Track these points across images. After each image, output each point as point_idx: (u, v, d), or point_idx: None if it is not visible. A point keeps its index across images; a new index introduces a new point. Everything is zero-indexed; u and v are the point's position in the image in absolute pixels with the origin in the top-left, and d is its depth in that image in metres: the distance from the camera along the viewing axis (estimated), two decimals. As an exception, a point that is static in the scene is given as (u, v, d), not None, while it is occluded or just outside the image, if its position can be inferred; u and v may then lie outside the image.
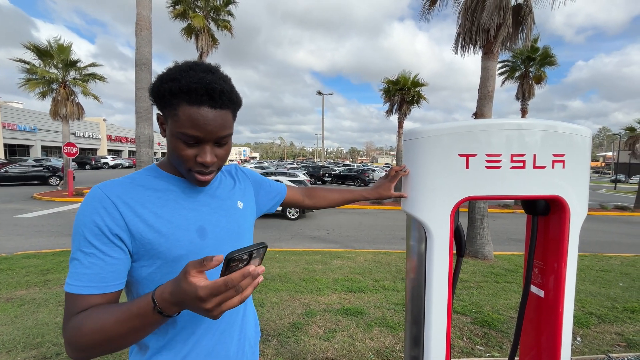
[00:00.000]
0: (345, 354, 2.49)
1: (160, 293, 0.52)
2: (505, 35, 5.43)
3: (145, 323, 0.54)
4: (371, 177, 24.79)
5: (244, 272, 0.47)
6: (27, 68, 12.88)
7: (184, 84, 0.63)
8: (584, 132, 1.06)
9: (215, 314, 0.49)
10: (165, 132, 0.71)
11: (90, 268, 0.61)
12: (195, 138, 0.66)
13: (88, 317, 0.58)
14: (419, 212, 1.05)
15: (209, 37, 12.62)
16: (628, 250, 7.23)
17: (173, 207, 0.71)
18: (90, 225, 0.62)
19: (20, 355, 2.35)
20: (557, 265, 1.09)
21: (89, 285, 0.61)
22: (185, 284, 0.48)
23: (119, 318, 0.55)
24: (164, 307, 0.52)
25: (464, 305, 3.48)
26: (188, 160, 0.68)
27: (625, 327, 3.09)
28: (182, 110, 0.64)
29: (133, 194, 0.68)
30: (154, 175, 0.74)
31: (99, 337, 0.56)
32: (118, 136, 44.12)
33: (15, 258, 4.92)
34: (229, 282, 0.46)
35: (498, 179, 1.01)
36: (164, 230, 0.67)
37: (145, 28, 5.89)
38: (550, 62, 13.08)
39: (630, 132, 15.02)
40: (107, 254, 0.62)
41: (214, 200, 0.79)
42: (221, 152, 0.72)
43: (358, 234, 8.14)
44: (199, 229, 0.72)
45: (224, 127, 0.68)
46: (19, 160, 23.32)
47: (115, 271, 0.63)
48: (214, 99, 0.64)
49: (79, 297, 0.60)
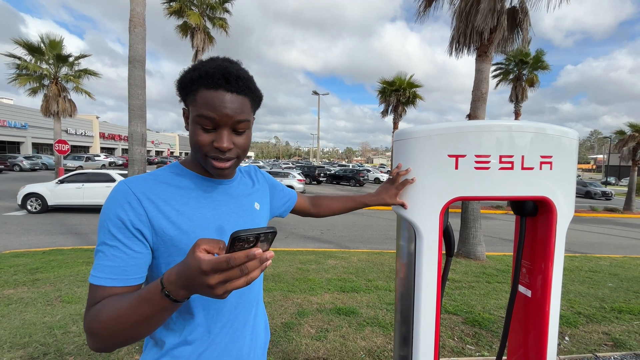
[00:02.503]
0: (337, 354, 2.50)
1: (168, 275, 0.52)
2: (501, 38, 5.49)
3: (155, 309, 0.54)
4: (366, 177, 24.86)
5: (249, 253, 0.46)
6: (18, 63, 12.65)
7: (202, 71, 0.67)
8: (572, 135, 1.07)
9: (219, 293, 0.48)
10: (187, 123, 0.73)
11: (113, 261, 0.63)
12: (211, 120, 0.67)
13: (104, 305, 0.60)
14: (408, 212, 1.05)
15: (205, 35, 12.55)
16: (617, 251, 7.36)
17: (194, 205, 0.72)
18: (114, 219, 0.64)
19: (6, 356, 2.31)
20: (544, 266, 1.11)
21: (111, 277, 0.62)
22: (191, 258, 0.49)
23: (131, 304, 0.56)
24: (171, 290, 0.52)
25: (456, 305, 3.51)
26: (204, 146, 0.69)
27: (612, 327, 3.14)
28: (200, 94, 0.67)
29: (157, 191, 0.69)
30: (176, 172, 0.75)
31: (113, 325, 0.57)
32: (111, 134, 43.58)
33: (4, 257, 4.83)
34: (232, 260, 0.46)
35: (487, 180, 1.01)
36: (185, 228, 0.68)
37: (139, 25, 5.83)
38: (542, 66, 13.27)
39: (621, 135, 15.29)
40: (130, 247, 0.64)
41: (233, 200, 0.80)
42: (240, 141, 0.72)
43: (352, 234, 8.16)
44: (218, 228, 0.73)
45: (240, 111, 0.69)
46: (9, 158, 22.91)
47: (137, 264, 0.65)
48: (230, 83, 0.67)
49: (100, 288, 0.62)
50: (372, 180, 27.51)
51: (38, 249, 5.39)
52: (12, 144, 29.45)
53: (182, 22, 12.38)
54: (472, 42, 5.64)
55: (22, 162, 22.97)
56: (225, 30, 13.13)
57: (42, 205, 9.04)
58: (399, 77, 13.62)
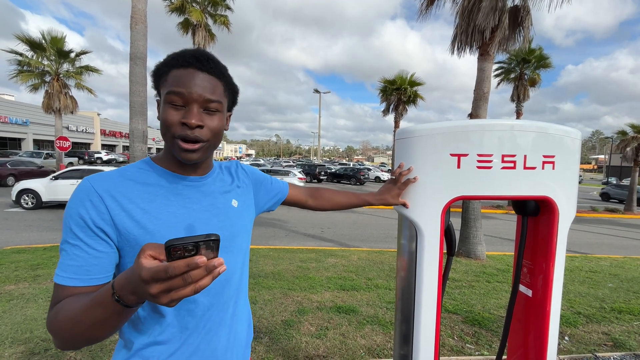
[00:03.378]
0: (336, 352, 2.50)
1: (119, 279, 0.51)
2: (502, 36, 5.46)
3: (108, 312, 0.53)
4: (366, 176, 24.83)
5: (190, 261, 0.44)
6: (20, 60, 12.65)
7: (175, 54, 0.69)
8: (574, 134, 1.07)
9: (163, 302, 0.46)
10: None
11: (75, 260, 0.62)
12: (180, 96, 0.66)
13: (63, 306, 0.59)
14: (410, 211, 1.05)
15: (206, 33, 12.52)
16: (617, 252, 7.35)
17: (162, 203, 0.69)
18: (76, 217, 0.62)
19: (7, 351, 2.32)
20: (545, 265, 1.11)
21: (72, 276, 0.61)
22: (135, 265, 0.47)
23: (86, 306, 0.55)
24: (121, 295, 0.50)
25: (456, 304, 3.51)
26: (173, 125, 0.67)
27: (612, 327, 3.14)
28: (171, 74, 0.68)
29: (121, 188, 0.67)
30: (145, 168, 0.73)
31: (71, 326, 0.56)
32: (112, 131, 43.55)
33: (5, 252, 4.85)
34: (171, 270, 0.44)
35: (489, 179, 1.01)
36: (150, 227, 0.66)
37: (140, 21, 5.82)
38: (545, 65, 13.22)
39: (622, 135, 15.24)
40: (92, 246, 0.62)
41: (206, 197, 0.77)
42: (210, 123, 0.69)
43: (353, 232, 8.16)
44: (188, 227, 0.70)
45: (211, 90, 0.68)
46: (10, 154, 22.94)
47: (99, 264, 0.63)
48: (201, 62, 0.67)
49: (63, 287, 0.61)
50: (373, 179, 27.50)
51: (39, 245, 5.40)
52: (14, 141, 29.47)
53: (184, 19, 12.35)
54: (474, 41, 5.62)
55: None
56: (226, 27, 13.10)
57: (37, 202, 9.02)
58: (400, 76, 13.59)
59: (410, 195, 1.06)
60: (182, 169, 0.75)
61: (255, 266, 4.56)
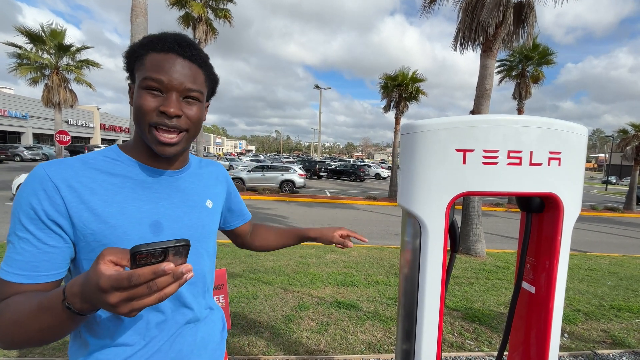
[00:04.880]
0: (337, 347, 2.52)
1: (71, 285, 0.47)
2: (506, 33, 5.42)
3: (57, 319, 0.48)
4: (367, 173, 24.83)
5: (156, 269, 0.41)
6: (19, 53, 12.57)
7: (154, 36, 0.64)
8: (581, 131, 1.06)
9: (123, 311, 0.42)
10: (132, 99, 0.66)
11: (22, 254, 0.56)
12: (159, 82, 0.61)
13: (8, 306, 0.54)
14: (414, 206, 1.05)
15: (207, 27, 12.41)
16: (616, 250, 7.37)
17: (127, 196, 0.63)
18: (26, 207, 0.56)
19: None
20: (549, 263, 1.10)
21: (18, 272, 0.56)
22: (92, 271, 0.43)
23: (32, 311, 0.50)
24: (73, 302, 0.46)
25: (456, 301, 3.53)
26: (149, 112, 0.61)
27: (611, 325, 3.16)
28: (149, 57, 0.62)
29: (82, 178, 0.60)
30: (112, 157, 0.66)
31: (15, 330, 0.51)
32: (112, 125, 43.48)
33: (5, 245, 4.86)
34: (134, 278, 0.40)
35: (494, 175, 1.00)
36: (111, 222, 0.60)
37: (141, 15, 5.77)
38: (547, 62, 13.14)
39: (623, 134, 15.21)
40: (42, 241, 0.57)
41: (178, 193, 0.71)
42: (190, 112, 0.64)
43: (352, 229, 8.15)
44: (154, 223, 0.65)
45: (192, 79, 0.64)
46: (9, 148, 22.87)
47: (50, 260, 0.57)
48: (182, 48, 0.63)
49: (7, 283, 0.56)
50: (373, 176, 27.47)
51: (40, 239, 5.41)
52: (13, 134, 29.42)
53: (184, 13, 12.24)
54: (477, 37, 5.58)
55: (23, 152, 22.92)
56: (228, 21, 12.99)
57: None
58: (401, 72, 13.49)
59: (415, 190, 1.05)
60: (155, 161, 0.69)
61: (255, 261, 4.57)
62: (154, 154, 0.68)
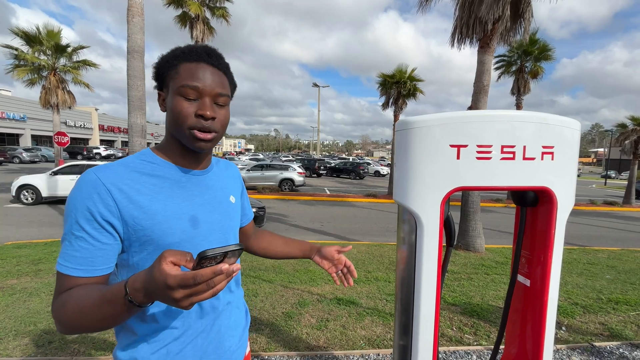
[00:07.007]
0: (337, 343, 2.54)
1: (133, 281, 0.53)
2: (504, 28, 5.41)
3: (118, 310, 0.55)
4: (366, 170, 24.83)
5: (216, 269, 0.48)
6: (16, 54, 12.52)
7: (185, 48, 0.73)
8: (574, 125, 1.07)
9: (184, 305, 0.49)
10: (164, 105, 0.74)
11: (80, 251, 0.63)
12: (195, 89, 0.68)
13: (70, 297, 0.61)
14: (409, 201, 1.06)
15: (205, 26, 12.35)
16: (615, 244, 7.40)
17: (167, 195, 0.71)
18: (83, 210, 0.63)
19: (11, 344, 2.34)
20: (543, 256, 1.12)
21: (77, 267, 0.63)
22: (157, 271, 0.49)
23: (95, 302, 0.57)
24: (134, 296, 0.53)
25: (455, 296, 3.55)
26: (188, 116, 0.69)
27: (609, 318, 3.18)
28: (182, 67, 0.70)
29: (127, 180, 0.67)
30: (149, 160, 0.74)
31: (79, 318, 0.59)
32: (110, 126, 43.36)
33: (6, 248, 4.87)
34: (199, 277, 0.47)
35: (488, 170, 1.02)
36: (158, 218, 0.68)
37: (137, 15, 5.75)
38: (546, 57, 13.11)
39: (622, 128, 15.21)
40: (97, 239, 0.63)
41: (208, 190, 0.79)
42: (221, 115, 0.73)
43: (352, 226, 8.19)
44: (192, 218, 0.72)
45: (222, 84, 0.72)
46: (8, 150, 22.82)
47: (104, 256, 0.65)
48: (211, 57, 0.72)
49: (67, 277, 0.63)
50: (372, 174, 27.48)
51: (40, 240, 5.42)
52: (11, 136, 29.36)
53: (181, 13, 12.18)
54: (475, 33, 5.57)
55: (22, 154, 22.91)
56: (226, 20, 12.92)
57: (36, 197, 8.99)
58: (399, 70, 13.45)
59: (410, 185, 1.06)
60: (186, 162, 0.77)
61: (256, 259, 4.59)
62: (185, 156, 0.76)
